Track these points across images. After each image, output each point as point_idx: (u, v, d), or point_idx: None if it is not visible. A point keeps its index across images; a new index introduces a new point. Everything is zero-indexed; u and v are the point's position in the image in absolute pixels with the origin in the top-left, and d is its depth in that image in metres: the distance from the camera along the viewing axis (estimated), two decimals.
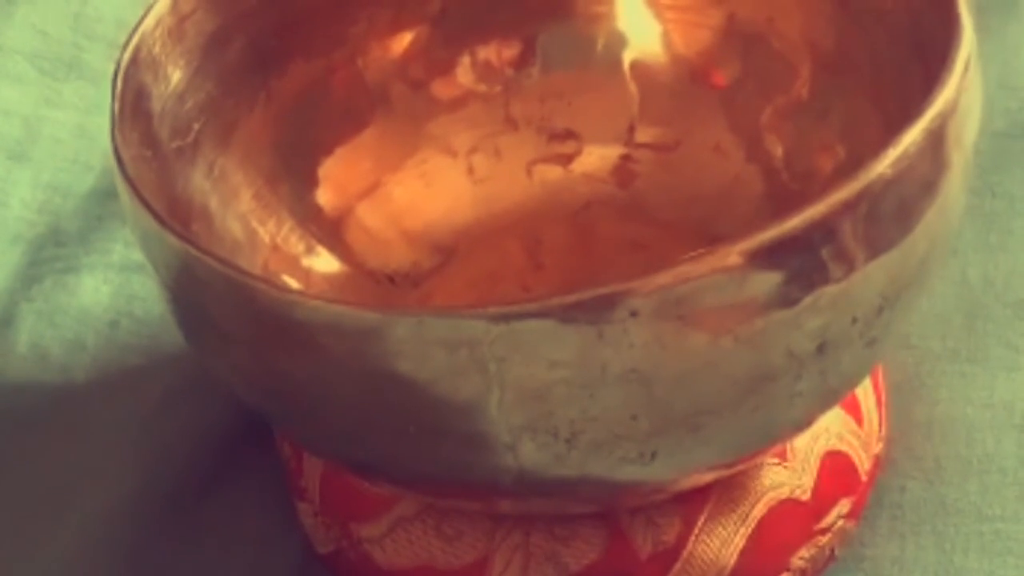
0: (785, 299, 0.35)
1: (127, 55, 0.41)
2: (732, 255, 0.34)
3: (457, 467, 0.37)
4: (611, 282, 0.34)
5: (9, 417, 0.49)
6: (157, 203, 0.39)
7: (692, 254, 0.34)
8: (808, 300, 0.35)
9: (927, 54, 0.40)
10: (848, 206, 0.35)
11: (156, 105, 0.43)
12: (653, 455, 0.37)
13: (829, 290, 0.35)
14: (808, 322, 0.36)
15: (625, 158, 0.49)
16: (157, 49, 0.42)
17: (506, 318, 0.35)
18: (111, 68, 0.42)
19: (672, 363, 0.35)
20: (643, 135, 0.49)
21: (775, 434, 0.39)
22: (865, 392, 0.45)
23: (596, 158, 0.49)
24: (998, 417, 0.47)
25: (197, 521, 0.46)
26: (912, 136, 0.36)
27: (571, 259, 0.48)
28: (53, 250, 0.53)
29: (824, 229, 0.35)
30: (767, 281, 0.35)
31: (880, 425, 0.46)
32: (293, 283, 0.45)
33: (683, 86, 0.48)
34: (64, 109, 0.56)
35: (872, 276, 0.36)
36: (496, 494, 0.39)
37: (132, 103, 0.41)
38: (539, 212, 0.49)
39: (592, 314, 0.34)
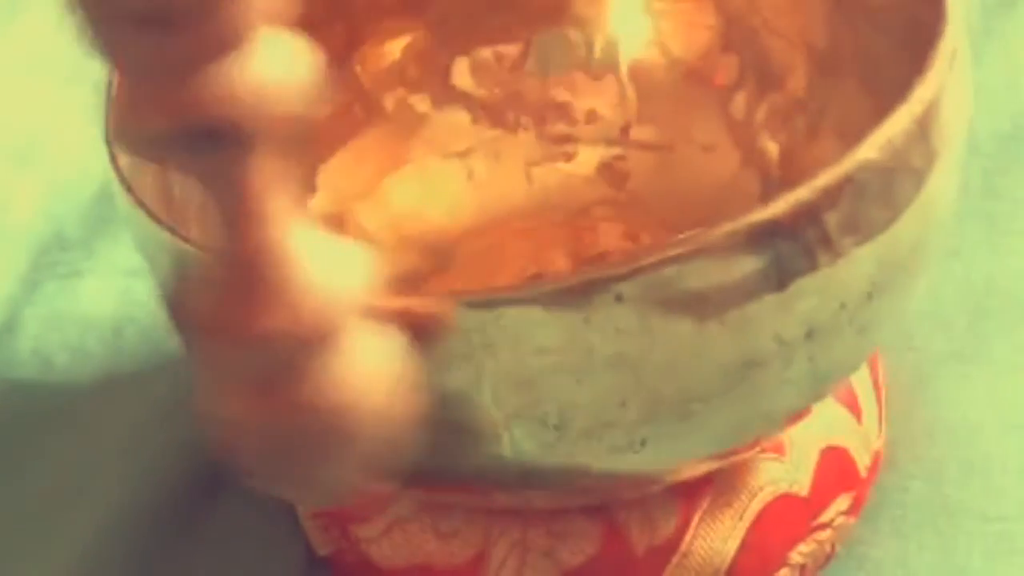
0: (771, 283, 0.35)
1: None
2: (717, 238, 0.34)
3: (449, 457, 0.37)
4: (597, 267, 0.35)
5: (12, 422, 0.49)
6: (154, 206, 0.39)
7: (677, 237, 0.35)
8: (795, 284, 0.35)
9: (920, 52, 0.40)
10: (833, 190, 0.35)
11: None
12: (643, 443, 0.37)
13: (815, 275, 0.35)
14: (795, 307, 0.36)
15: (622, 159, 0.49)
16: None
17: (493, 304, 0.35)
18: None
19: (659, 348, 0.35)
20: (639, 136, 0.49)
21: (766, 423, 0.39)
22: (864, 389, 0.45)
23: (594, 160, 0.49)
24: (1001, 417, 0.47)
25: (200, 525, 0.46)
26: (897, 121, 0.36)
27: (570, 262, 0.49)
28: (56, 255, 0.53)
29: (809, 213, 0.35)
30: (753, 264, 0.35)
31: (880, 422, 0.46)
32: None
33: (679, 87, 0.48)
34: (68, 114, 0.57)
35: (859, 262, 0.36)
36: (490, 485, 0.39)
37: None
38: (538, 215, 0.49)
39: (578, 299, 0.34)
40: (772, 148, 0.47)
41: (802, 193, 0.35)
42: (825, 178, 0.35)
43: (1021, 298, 0.49)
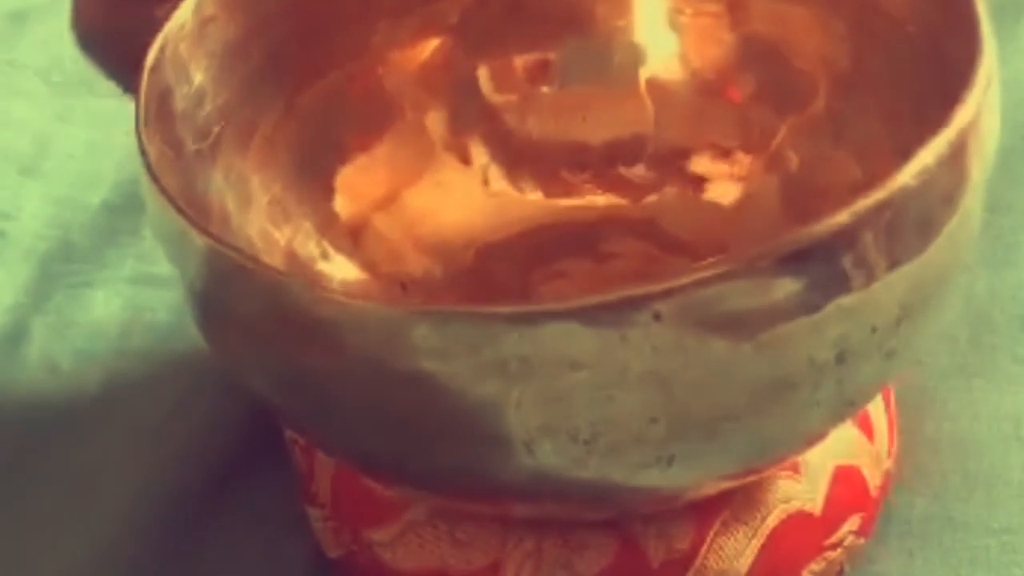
0: (806, 306, 0.35)
1: (153, 53, 0.41)
2: (756, 260, 0.35)
3: (475, 468, 0.37)
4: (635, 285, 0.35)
5: (20, 425, 0.49)
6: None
7: (715, 259, 0.35)
8: (829, 308, 0.35)
9: (945, 73, 0.40)
10: (871, 215, 0.35)
11: (179, 106, 0.43)
12: (670, 460, 0.37)
13: (849, 298, 0.36)
14: (828, 330, 0.36)
15: (640, 174, 0.49)
16: (182, 49, 0.43)
17: (529, 318, 0.35)
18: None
19: (693, 367, 0.35)
20: (659, 150, 0.49)
21: (791, 444, 0.39)
22: (876, 408, 0.45)
23: (611, 173, 0.49)
24: (1004, 431, 0.47)
25: (208, 528, 0.46)
26: (936, 148, 0.36)
27: (584, 273, 0.49)
28: (64, 265, 0.53)
29: (847, 237, 0.35)
30: (789, 287, 0.35)
31: (890, 442, 0.46)
32: None
33: (699, 101, 0.49)
34: (75, 124, 0.57)
35: (892, 286, 0.36)
36: (513, 497, 0.39)
37: (157, 102, 0.41)
38: (553, 226, 0.49)
39: (615, 316, 0.34)
40: (792, 165, 0.47)
41: (840, 218, 0.35)
42: (864, 202, 0.35)
43: None
